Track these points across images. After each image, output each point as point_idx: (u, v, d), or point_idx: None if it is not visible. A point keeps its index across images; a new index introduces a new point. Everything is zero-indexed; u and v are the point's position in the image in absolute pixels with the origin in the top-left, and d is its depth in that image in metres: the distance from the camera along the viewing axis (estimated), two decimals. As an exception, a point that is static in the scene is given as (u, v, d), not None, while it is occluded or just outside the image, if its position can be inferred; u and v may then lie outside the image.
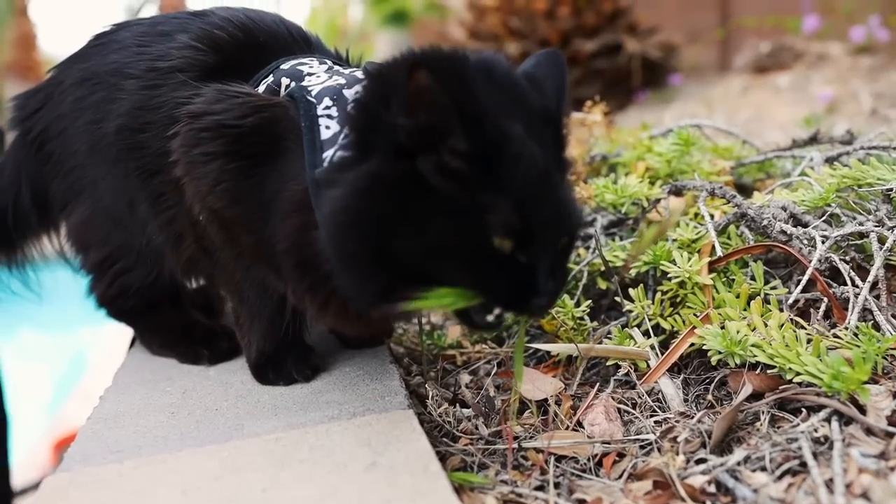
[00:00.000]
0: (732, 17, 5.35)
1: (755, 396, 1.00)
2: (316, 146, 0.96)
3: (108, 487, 0.88)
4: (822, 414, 0.92)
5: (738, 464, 0.88)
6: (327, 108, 1.01)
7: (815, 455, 0.86)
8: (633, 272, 1.25)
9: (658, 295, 1.21)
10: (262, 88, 1.10)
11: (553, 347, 1.17)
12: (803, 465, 0.85)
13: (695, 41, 5.32)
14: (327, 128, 0.98)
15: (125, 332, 1.44)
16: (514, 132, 0.84)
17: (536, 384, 1.12)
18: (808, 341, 1.00)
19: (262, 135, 1.03)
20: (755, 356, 1.01)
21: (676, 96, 4.55)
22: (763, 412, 0.97)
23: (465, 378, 1.21)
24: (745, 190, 1.60)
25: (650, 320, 1.19)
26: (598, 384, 1.12)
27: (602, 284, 1.32)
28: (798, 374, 0.95)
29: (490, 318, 0.89)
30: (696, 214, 1.33)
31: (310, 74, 1.10)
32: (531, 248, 0.84)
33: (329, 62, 1.17)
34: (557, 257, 0.89)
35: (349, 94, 1.01)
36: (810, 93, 3.43)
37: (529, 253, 0.84)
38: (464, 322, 0.92)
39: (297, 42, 1.23)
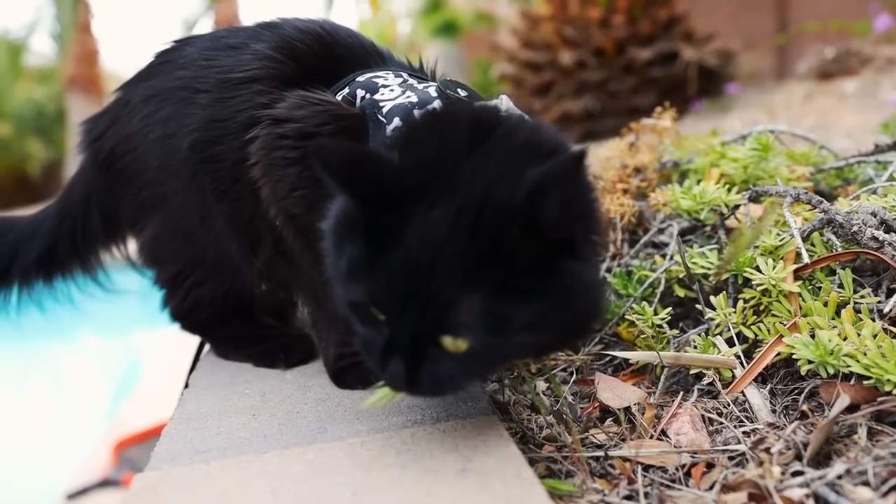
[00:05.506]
0: (791, 23, 5.23)
1: (850, 408, 0.96)
2: None
3: (197, 487, 0.88)
4: (927, 428, 0.88)
5: (839, 477, 0.84)
6: (397, 128, 1.00)
7: (922, 471, 0.82)
8: (712, 280, 1.22)
9: (740, 303, 1.17)
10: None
11: (635, 355, 1.15)
12: (910, 480, 0.81)
13: (752, 48, 5.22)
14: None
15: (181, 336, 1.45)
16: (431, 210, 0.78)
17: (617, 392, 1.10)
18: (906, 351, 0.96)
19: None
20: (849, 366, 0.97)
21: (734, 105, 4.47)
22: (860, 425, 0.93)
23: (541, 385, 1.19)
24: (825, 196, 1.54)
25: (733, 328, 1.15)
26: (680, 393, 1.10)
27: (680, 292, 1.29)
28: (897, 385, 0.91)
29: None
30: (777, 221, 1.29)
31: (384, 86, 1.10)
32: (388, 326, 0.81)
33: (404, 75, 1.16)
34: (418, 341, 0.79)
35: (420, 114, 1.01)
36: (879, 98, 3.33)
37: (388, 330, 0.81)
38: None
39: (371, 56, 1.23)
